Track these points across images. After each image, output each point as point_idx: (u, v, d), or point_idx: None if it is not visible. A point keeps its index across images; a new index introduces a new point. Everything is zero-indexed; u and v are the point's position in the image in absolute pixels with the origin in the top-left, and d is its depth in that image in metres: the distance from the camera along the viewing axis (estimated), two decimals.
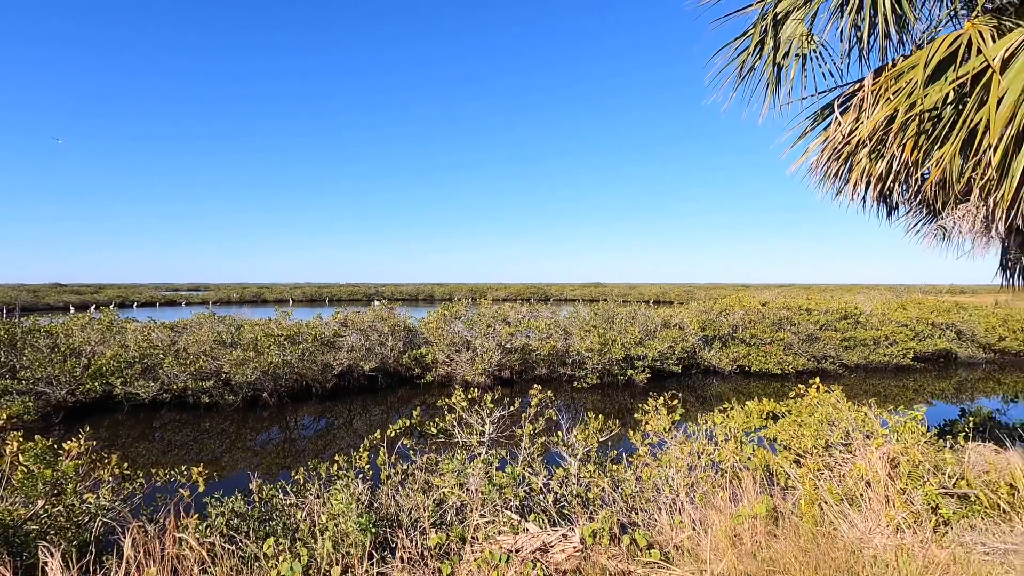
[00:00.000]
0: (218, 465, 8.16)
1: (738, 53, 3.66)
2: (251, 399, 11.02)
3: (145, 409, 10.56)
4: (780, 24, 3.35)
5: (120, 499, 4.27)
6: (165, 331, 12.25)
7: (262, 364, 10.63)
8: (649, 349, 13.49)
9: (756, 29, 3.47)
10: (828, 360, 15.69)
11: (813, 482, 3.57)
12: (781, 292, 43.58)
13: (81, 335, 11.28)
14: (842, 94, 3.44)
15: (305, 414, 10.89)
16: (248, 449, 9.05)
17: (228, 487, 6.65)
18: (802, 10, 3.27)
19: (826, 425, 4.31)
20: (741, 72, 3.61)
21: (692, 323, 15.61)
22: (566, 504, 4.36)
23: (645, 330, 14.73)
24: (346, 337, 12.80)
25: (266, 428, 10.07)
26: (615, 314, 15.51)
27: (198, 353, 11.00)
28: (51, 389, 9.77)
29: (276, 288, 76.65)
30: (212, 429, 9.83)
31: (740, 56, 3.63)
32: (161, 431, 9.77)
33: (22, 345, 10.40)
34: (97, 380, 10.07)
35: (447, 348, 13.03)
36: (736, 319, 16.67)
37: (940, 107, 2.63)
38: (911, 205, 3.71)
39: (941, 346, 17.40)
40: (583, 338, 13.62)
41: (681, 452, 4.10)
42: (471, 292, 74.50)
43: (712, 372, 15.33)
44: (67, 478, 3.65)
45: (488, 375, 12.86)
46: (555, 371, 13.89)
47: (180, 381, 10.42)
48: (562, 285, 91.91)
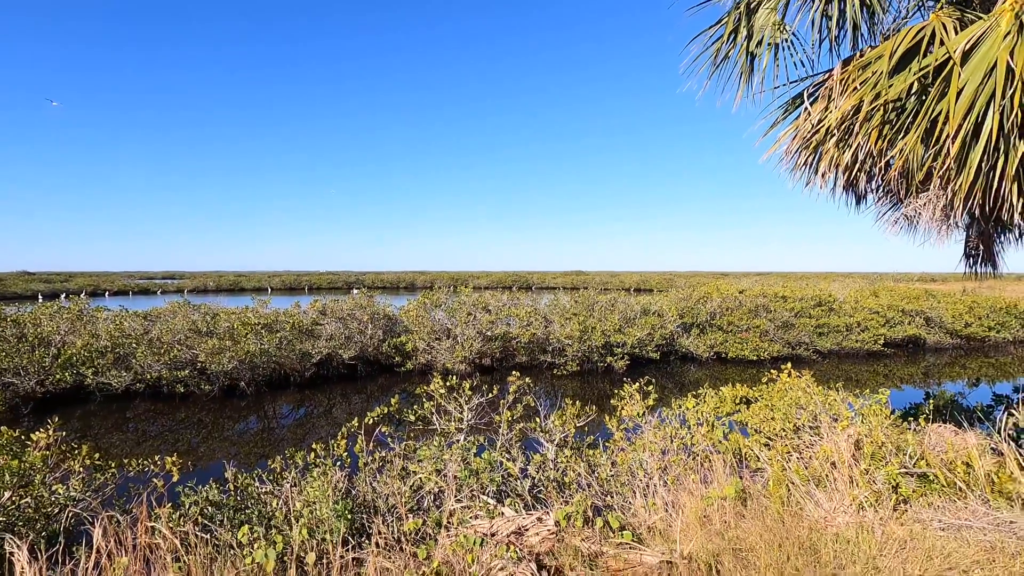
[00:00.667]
0: (194, 455, 8.07)
1: (713, 41, 3.68)
2: (228, 388, 10.89)
3: (118, 399, 10.37)
4: (753, 12, 3.38)
5: (91, 490, 4.20)
6: (138, 320, 12.00)
7: (239, 353, 10.49)
8: (628, 336, 13.63)
9: (730, 17, 3.50)
10: (803, 346, 16.04)
11: (781, 464, 3.68)
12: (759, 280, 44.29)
13: (50, 324, 10.99)
14: (812, 84, 3.49)
15: (283, 403, 10.81)
16: (225, 439, 8.96)
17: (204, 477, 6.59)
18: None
19: (795, 409, 4.43)
20: (716, 60, 3.63)
21: (671, 310, 15.80)
22: (542, 489, 4.42)
23: (625, 317, 14.86)
24: (325, 325, 12.69)
25: (244, 417, 9.97)
26: (595, 302, 15.63)
27: (172, 342, 10.81)
28: (19, 380, 9.53)
29: (254, 276, 75.45)
30: (188, 419, 9.70)
31: (715, 44, 3.65)
32: (135, 421, 9.61)
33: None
34: (67, 370, 9.85)
35: (427, 336, 13.01)
36: (714, 306, 16.93)
37: (904, 98, 2.68)
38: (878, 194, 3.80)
39: (911, 332, 17.90)
40: (563, 325, 13.71)
41: (655, 437, 4.18)
42: (452, 280, 74.28)
43: (690, 359, 15.58)
44: (35, 469, 3.59)
45: (469, 363, 12.89)
46: (536, 359, 13.97)
47: (154, 371, 10.24)
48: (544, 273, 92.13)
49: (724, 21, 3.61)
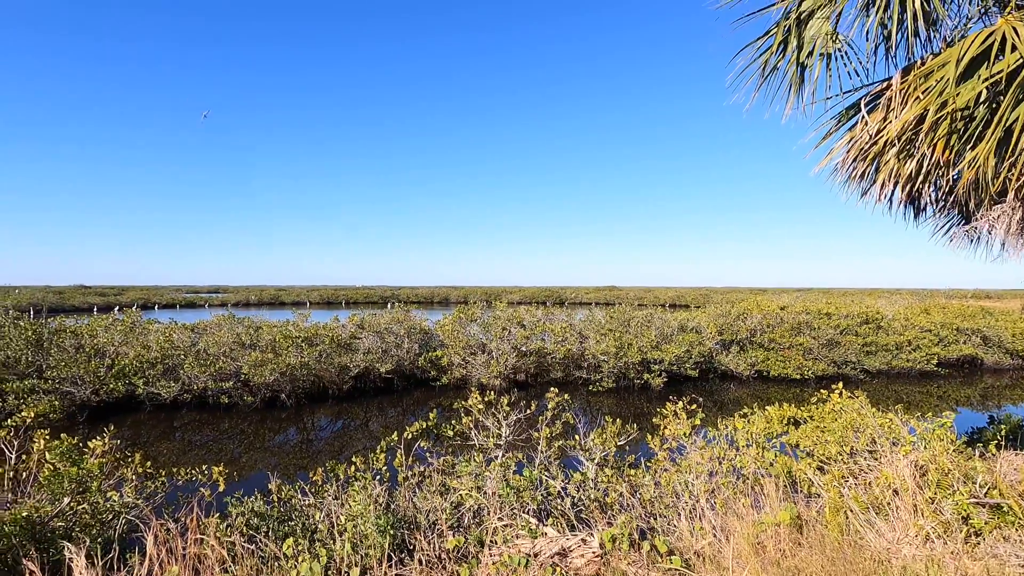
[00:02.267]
0: (237, 465, 8.24)
1: (760, 53, 3.61)
2: (269, 400, 11.14)
3: (166, 409, 10.74)
4: (804, 23, 3.30)
5: (143, 497, 4.33)
6: (186, 332, 12.44)
7: (280, 365, 10.73)
8: (665, 353, 13.36)
9: (779, 28, 3.42)
10: (849, 365, 15.40)
11: (838, 490, 3.49)
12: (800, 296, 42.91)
13: (105, 336, 11.51)
14: (868, 93, 3.37)
15: (322, 415, 10.97)
16: (266, 449, 9.13)
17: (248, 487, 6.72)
18: (827, 8, 3.21)
19: (850, 431, 4.22)
20: (764, 72, 3.55)
21: (709, 327, 15.44)
22: (584, 508, 4.33)
23: (661, 334, 14.60)
24: (363, 339, 12.88)
25: (284, 429, 10.16)
26: (631, 317, 15.40)
27: (218, 354, 11.15)
28: (76, 389, 9.97)
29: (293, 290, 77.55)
30: (231, 429, 9.95)
31: (762, 56, 3.58)
32: (182, 431, 9.90)
33: (48, 345, 10.63)
34: (120, 380, 10.26)
35: (463, 351, 13.04)
36: (754, 323, 16.46)
37: (973, 106, 2.56)
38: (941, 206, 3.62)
39: (966, 352, 16.99)
40: (599, 341, 13.54)
41: (701, 457, 4.04)
42: (486, 295, 74.61)
43: (730, 377, 15.15)
44: (92, 476, 3.71)
45: (503, 378, 12.85)
46: (571, 375, 13.82)
47: (200, 382, 10.57)
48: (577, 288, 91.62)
49: (772, 32, 3.54)
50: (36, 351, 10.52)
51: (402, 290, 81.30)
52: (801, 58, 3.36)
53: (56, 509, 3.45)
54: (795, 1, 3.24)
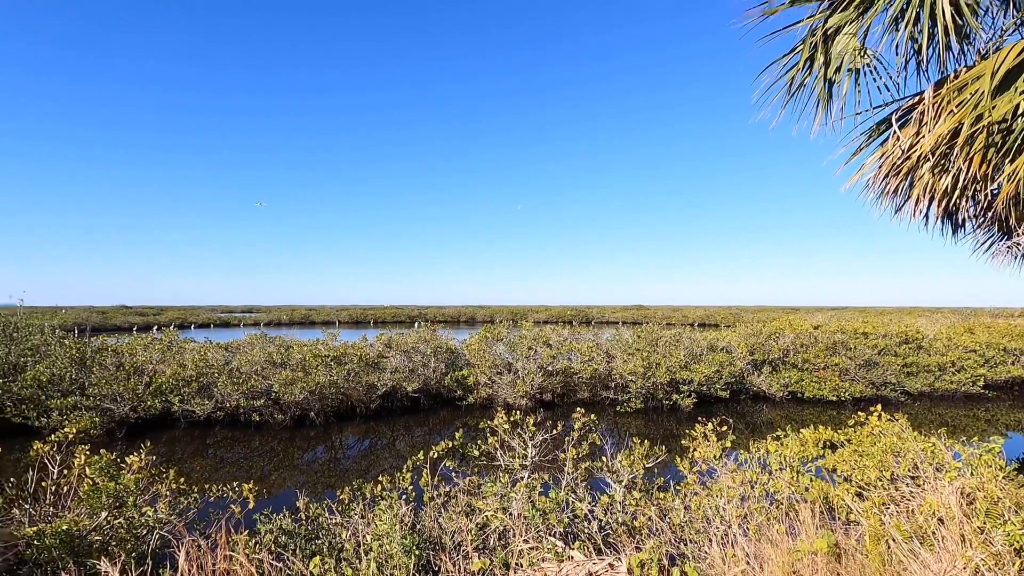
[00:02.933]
0: (267, 482, 8.34)
1: (786, 70, 3.59)
2: (299, 418, 11.30)
3: (200, 426, 10.98)
4: (830, 39, 3.27)
5: (176, 513, 4.42)
6: (220, 351, 12.76)
7: (309, 384, 10.90)
8: (695, 373, 13.10)
9: (805, 45, 3.40)
10: (888, 387, 14.82)
11: (878, 517, 3.34)
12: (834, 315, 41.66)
13: (144, 354, 11.90)
14: (899, 108, 3.31)
15: (350, 434, 11.06)
16: (295, 467, 9.22)
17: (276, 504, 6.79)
18: (854, 24, 3.18)
19: (890, 456, 4.04)
20: (790, 89, 3.53)
21: (740, 347, 15.10)
22: (611, 532, 4.24)
23: (690, 354, 14.34)
24: (390, 358, 13.00)
25: (312, 447, 10.26)
26: (659, 337, 15.19)
27: (250, 373, 11.39)
28: (115, 405, 10.29)
29: (323, 310, 78.86)
30: (261, 447, 10.10)
31: (789, 73, 3.56)
32: (214, 447, 10.10)
33: (91, 364, 11.04)
34: (157, 397, 10.56)
35: (489, 370, 13.03)
36: (787, 343, 16.03)
37: (1010, 119, 2.49)
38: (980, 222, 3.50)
39: (1015, 373, 16.18)
40: (626, 361, 13.38)
41: (733, 481, 3.92)
42: (512, 314, 74.62)
43: (762, 398, 14.74)
44: (128, 492, 3.81)
45: (530, 398, 12.76)
46: (598, 395, 13.66)
47: (233, 399, 10.80)
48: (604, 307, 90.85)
49: (798, 49, 3.52)
50: (79, 369, 10.93)
51: (429, 309, 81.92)
52: (828, 74, 3.33)
53: (94, 523, 3.54)
54: (821, 18, 3.22)
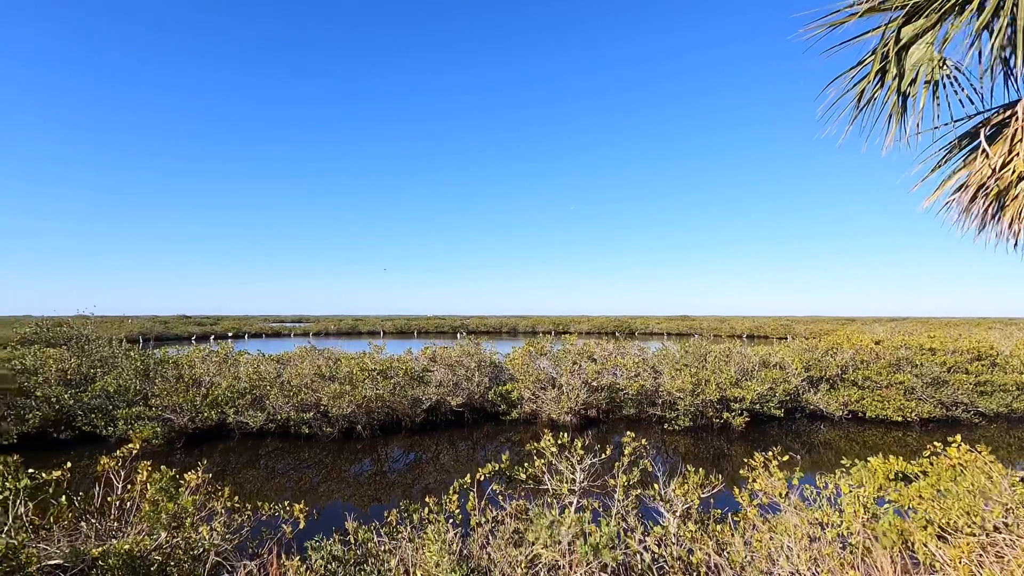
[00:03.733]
0: (315, 494, 8.48)
1: (854, 83, 3.38)
2: (346, 431, 11.49)
3: (253, 437, 11.32)
4: (904, 50, 3.06)
5: (230, 531, 4.51)
6: (272, 364, 13.16)
7: (356, 397, 11.07)
8: (747, 391, 12.59)
9: (875, 56, 3.20)
10: (960, 407, 13.83)
11: (969, 568, 3.05)
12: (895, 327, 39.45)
13: (202, 367, 12.40)
14: (985, 121, 3.05)
15: (395, 447, 11.15)
16: (342, 480, 9.35)
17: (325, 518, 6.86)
18: (932, 33, 2.96)
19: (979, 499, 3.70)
20: (859, 103, 3.32)
21: (794, 362, 14.44)
22: (666, 567, 4.05)
23: (741, 370, 13.81)
24: (434, 372, 13.08)
25: (359, 460, 10.39)
26: (708, 351, 14.72)
27: (300, 386, 11.68)
28: (175, 416, 10.74)
29: (369, 320, 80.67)
30: (311, 459, 10.30)
31: (857, 86, 3.35)
32: (266, 459, 10.37)
33: (153, 375, 11.59)
34: (214, 409, 10.95)
35: (532, 385, 12.92)
36: (845, 359, 15.24)
37: None
38: None
39: None
40: (673, 377, 13.00)
41: (800, 520, 3.68)
42: (554, 325, 74.26)
43: (819, 417, 14.04)
44: (186, 512, 3.90)
45: (574, 414, 12.57)
46: (644, 411, 13.31)
47: (284, 412, 11.09)
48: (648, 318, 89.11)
49: (867, 61, 3.31)
50: (143, 380, 11.49)
51: (471, 319, 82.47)
52: (902, 87, 3.11)
53: (155, 543, 3.64)
54: (895, 27, 3.01)
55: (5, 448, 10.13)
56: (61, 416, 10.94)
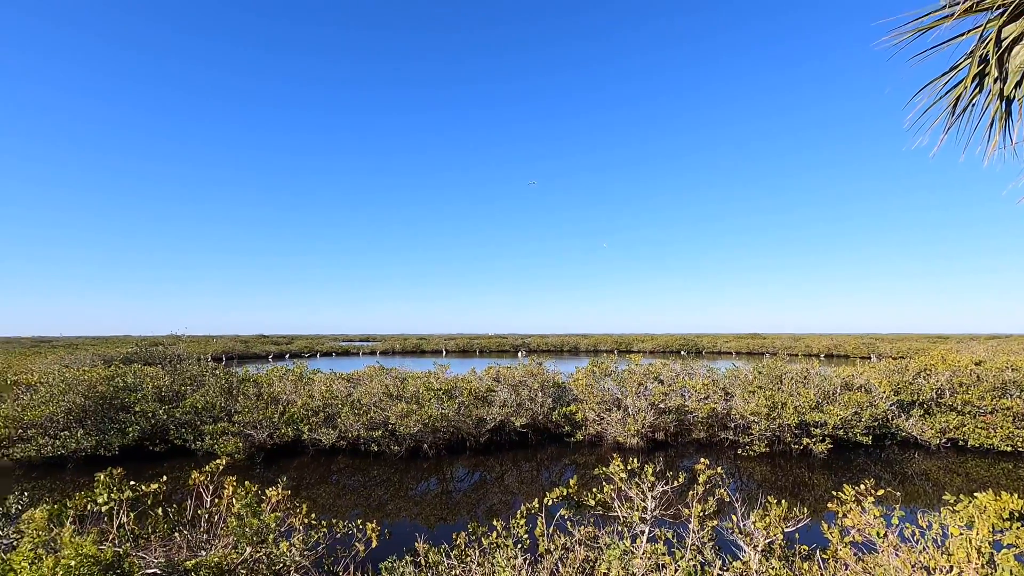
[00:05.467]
0: (384, 512, 8.65)
1: (948, 89, 3.16)
2: (413, 450, 11.70)
3: (325, 454, 11.76)
4: (1007, 50, 2.83)
5: (308, 548, 4.68)
6: (343, 382, 13.68)
7: (423, 417, 11.29)
8: (828, 415, 11.79)
9: (972, 60, 2.98)
10: None
11: None
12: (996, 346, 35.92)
13: (279, 385, 13.07)
14: None
15: (460, 467, 11.23)
16: (409, 499, 9.50)
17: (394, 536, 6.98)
18: None
19: None
20: (954, 110, 3.09)
21: (881, 385, 13.40)
22: None
23: (821, 392, 12.98)
24: (498, 392, 13.14)
25: (425, 478, 10.53)
26: (783, 372, 13.94)
27: (369, 404, 12.05)
28: (255, 432, 11.34)
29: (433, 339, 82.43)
30: (379, 477, 10.54)
31: (951, 92, 3.13)
32: (337, 475, 10.71)
33: (236, 393, 12.32)
34: (290, 426, 11.49)
35: (597, 406, 12.69)
36: (941, 381, 13.99)
37: None
38: None
39: None
40: (747, 400, 12.39)
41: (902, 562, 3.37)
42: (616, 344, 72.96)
43: (913, 444, 12.91)
44: (269, 528, 4.09)
45: (641, 436, 12.21)
46: (715, 435, 12.74)
47: (354, 430, 11.46)
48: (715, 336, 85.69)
49: (962, 64, 3.09)
50: (227, 398, 12.24)
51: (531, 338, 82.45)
52: (1006, 91, 2.87)
53: (240, 557, 3.83)
54: (994, 26, 2.80)
55: (108, 460, 11.05)
56: (156, 430, 11.82)
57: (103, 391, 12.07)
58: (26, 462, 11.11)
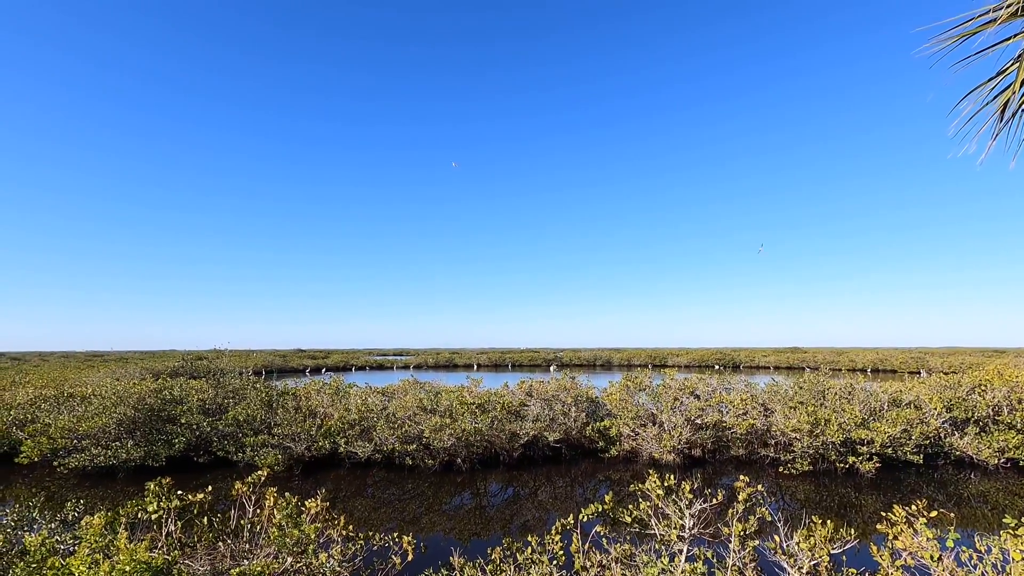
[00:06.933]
0: (418, 525, 8.69)
1: (995, 95, 3.06)
2: (446, 463, 11.75)
3: (361, 466, 11.92)
4: None
5: (345, 559, 4.75)
6: (378, 396, 13.87)
7: (456, 431, 11.33)
8: (876, 432, 11.31)
9: (1021, 63, 2.88)
10: None
11: None
12: None
13: (317, 399, 13.36)
14: None
15: (493, 481, 11.20)
16: (443, 512, 9.52)
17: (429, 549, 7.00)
18: None
19: None
20: (1002, 116, 3.00)
21: (932, 401, 12.79)
22: None
23: (867, 408, 12.48)
24: (531, 406, 13.09)
25: (459, 492, 10.54)
26: (826, 387, 13.48)
27: (404, 418, 12.18)
28: (294, 444, 11.59)
29: (465, 353, 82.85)
30: (413, 490, 10.61)
31: (998, 98, 3.03)
32: (373, 487, 10.83)
33: (276, 406, 12.64)
34: (327, 439, 11.70)
35: (632, 422, 12.50)
36: (998, 397, 13.25)
37: None
38: None
39: None
40: (787, 416, 12.00)
41: None
42: (650, 358, 71.81)
43: (968, 464, 12.25)
44: (308, 539, 4.17)
45: (677, 453, 11.96)
46: (755, 452, 12.37)
47: (389, 443, 11.59)
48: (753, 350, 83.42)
49: (1009, 69, 3.00)
50: (267, 411, 12.56)
51: (564, 352, 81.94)
52: None
53: (281, 567, 3.92)
54: None
55: (155, 470, 11.47)
56: (200, 441, 12.21)
57: (151, 404, 12.57)
58: (80, 471, 11.63)
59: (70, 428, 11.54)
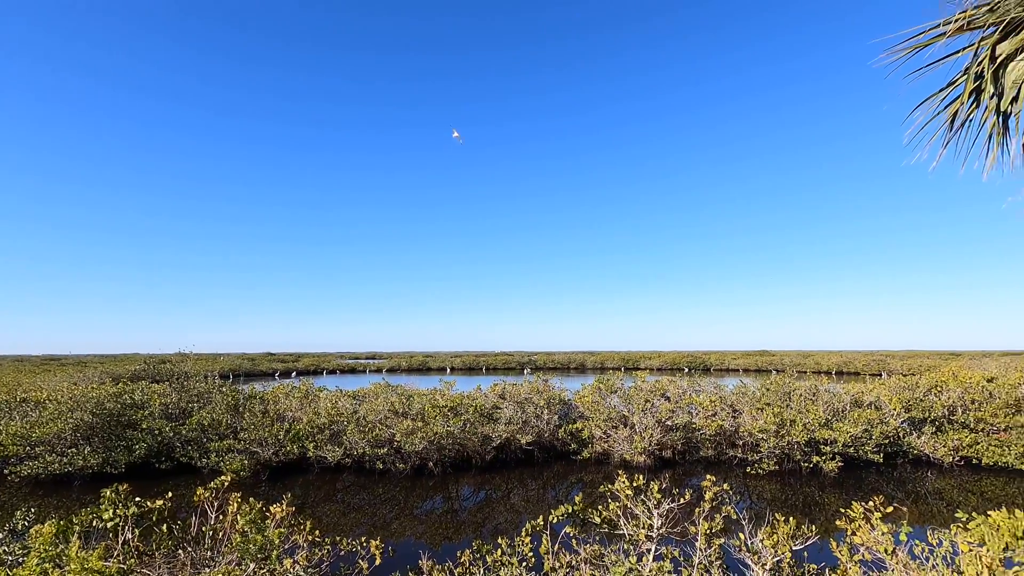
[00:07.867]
0: (389, 531, 8.58)
1: (945, 105, 3.20)
2: (418, 467, 11.63)
3: (331, 471, 11.71)
4: (1003, 66, 2.87)
5: (311, 565, 4.65)
6: (348, 400, 13.67)
7: (428, 434, 11.25)
8: (838, 432, 11.64)
9: (968, 76, 3.02)
10: None
11: None
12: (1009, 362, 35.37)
13: (285, 402, 13.09)
14: None
15: (466, 485, 11.15)
16: (415, 517, 9.42)
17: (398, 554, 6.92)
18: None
19: None
20: (952, 125, 3.13)
21: (892, 402, 13.24)
22: None
23: (831, 409, 12.84)
24: (504, 409, 13.08)
25: (431, 496, 10.45)
26: (792, 389, 13.82)
27: (375, 422, 12.03)
28: (261, 449, 11.34)
29: (439, 357, 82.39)
30: (384, 494, 10.48)
31: (948, 108, 3.17)
32: (343, 493, 10.66)
33: (243, 410, 12.34)
34: (295, 443, 11.48)
35: (604, 424, 12.60)
36: (952, 398, 13.80)
37: None
38: None
39: None
40: (755, 417, 12.27)
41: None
42: (623, 361, 72.54)
43: (925, 463, 12.70)
44: (272, 545, 4.08)
45: (648, 454, 12.09)
46: (723, 453, 12.59)
47: (360, 447, 11.42)
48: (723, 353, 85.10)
49: (959, 81, 3.13)
50: (233, 415, 12.26)
51: (538, 355, 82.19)
52: (1002, 105, 2.90)
53: (244, 574, 3.82)
54: (989, 44, 2.84)
55: (114, 477, 11.06)
56: (162, 448, 11.83)
57: (110, 408, 12.13)
58: (33, 479, 11.14)
59: (23, 435, 11.04)
